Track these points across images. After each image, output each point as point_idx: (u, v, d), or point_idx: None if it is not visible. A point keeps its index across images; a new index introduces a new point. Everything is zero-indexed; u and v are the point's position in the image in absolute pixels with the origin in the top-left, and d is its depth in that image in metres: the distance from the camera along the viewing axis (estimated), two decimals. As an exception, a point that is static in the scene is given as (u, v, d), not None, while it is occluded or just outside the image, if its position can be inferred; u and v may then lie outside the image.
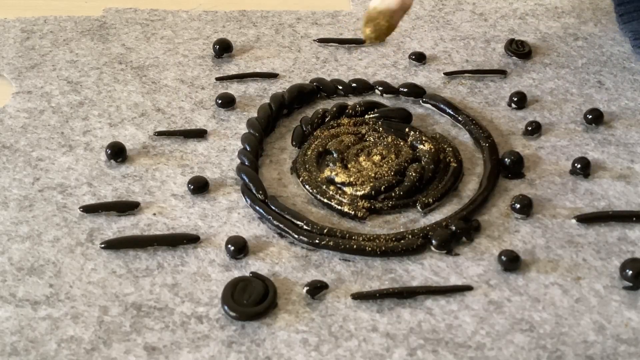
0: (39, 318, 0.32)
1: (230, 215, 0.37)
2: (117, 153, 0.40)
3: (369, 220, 0.37)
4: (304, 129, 0.42)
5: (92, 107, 0.44)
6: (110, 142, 0.40)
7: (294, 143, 0.42)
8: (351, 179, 0.38)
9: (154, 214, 0.37)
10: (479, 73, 0.47)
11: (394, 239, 0.36)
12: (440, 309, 0.33)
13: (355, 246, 0.35)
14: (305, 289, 0.33)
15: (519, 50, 0.48)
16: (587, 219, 0.37)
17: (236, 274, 0.34)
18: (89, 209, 0.37)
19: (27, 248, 0.35)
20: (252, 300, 0.32)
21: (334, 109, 0.43)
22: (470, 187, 0.39)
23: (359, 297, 0.33)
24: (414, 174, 0.38)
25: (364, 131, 0.42)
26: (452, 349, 0.31)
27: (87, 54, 0.48)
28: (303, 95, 0.44)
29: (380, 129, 0.42)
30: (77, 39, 0.49)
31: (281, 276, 0.34)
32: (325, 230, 0.36)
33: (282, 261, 0.35)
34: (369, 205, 0.38)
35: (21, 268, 0.34)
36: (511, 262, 0.35)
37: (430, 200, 0.38)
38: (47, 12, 0.51)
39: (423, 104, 0.45)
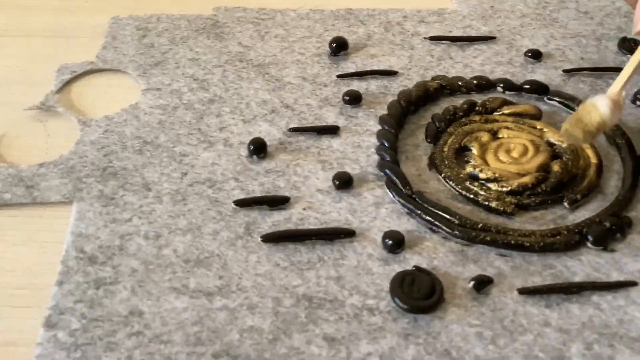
0: (215, 309, 0.33)
1: (379, 210, 0.38)
2: (259, 149, 0.40)
3: (517, 217, 0.38)
4: (437, 125, 0.42)
5: (222, 104, 0.44)
6: (252, 138, 0.41)
7: (429, 140, 0.42)
8: (495, 175, 0.39)
9: (304, 209, 0.38)
10: (598, 70, 0.47)
11: (549, 234, 0.36)
12: (608, 304, 0.33)
13: (512, 241, 0.35)
14: (471, 283, 0.34)
15: (633, 48, 0.48)
16: None
17: (397, 268, 0.35)
18: (241, 203, 0.37)
19: (189, 241, 0.36)
20: (421, 294, 0.33)
21: (464, 106, 0.43)
22: (611, 183, 0.39)
23: (526, 292, 0.33)
24: (558, 170, 0.39)
25: (496, 128, 0.42)
26: (627, 343, 0.32)
27: (207, 52, 0.48)
28: (429, 92, 0.45)
29: (513, 125, 0.42)
30: (194, 37, 0.50)
31: (441, 270, 0.35)
32: (479, 226, 0.36)
33: (439, 256, 0.35)
34: (516, 201, 0.38)
35: (188, 260, 0.35)
36: (668, 258, 0.35)
37: (578, 196, 0.38)
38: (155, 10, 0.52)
39: (547, 101, 0.45)
